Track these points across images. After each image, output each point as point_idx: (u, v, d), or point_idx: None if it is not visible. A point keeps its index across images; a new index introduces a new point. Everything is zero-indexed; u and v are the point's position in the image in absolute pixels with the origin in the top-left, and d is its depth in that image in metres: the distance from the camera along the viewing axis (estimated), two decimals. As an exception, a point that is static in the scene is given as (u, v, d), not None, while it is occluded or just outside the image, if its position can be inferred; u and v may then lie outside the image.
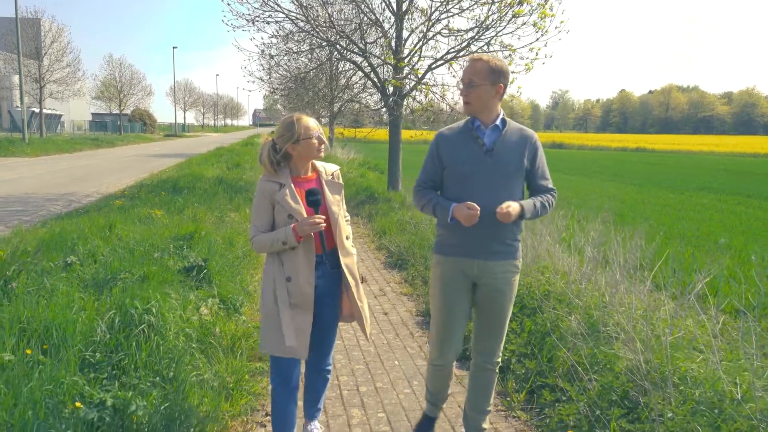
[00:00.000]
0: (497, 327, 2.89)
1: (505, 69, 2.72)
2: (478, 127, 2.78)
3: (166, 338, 3.41)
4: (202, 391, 3.17)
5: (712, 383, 2.98)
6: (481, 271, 2.80)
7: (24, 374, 2.66)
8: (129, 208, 8.99)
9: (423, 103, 12.99)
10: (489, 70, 2.67)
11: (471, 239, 2.75)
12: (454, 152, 2.79)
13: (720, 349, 3.43)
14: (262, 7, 12.15)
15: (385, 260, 7.62)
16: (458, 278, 2.83)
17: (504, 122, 2.79)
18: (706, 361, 3.21)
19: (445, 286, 2.86)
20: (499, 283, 2.81)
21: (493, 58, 2.72)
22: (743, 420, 2.69)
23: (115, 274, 4.40)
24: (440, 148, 2.84)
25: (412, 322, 5.22)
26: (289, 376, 2.80)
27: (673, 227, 12.11)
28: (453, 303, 2.86)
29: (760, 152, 57.45)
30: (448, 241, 2.84)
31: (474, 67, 2.70)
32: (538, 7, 11.19)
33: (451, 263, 2.83)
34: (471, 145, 2.77)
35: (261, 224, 2.74)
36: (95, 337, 3.24)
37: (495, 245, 2.78)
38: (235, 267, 5.73)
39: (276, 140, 2.75)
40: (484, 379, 2.97)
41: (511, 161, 2.75)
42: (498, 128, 2.77)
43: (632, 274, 4.53)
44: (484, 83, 2.68)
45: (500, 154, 2.74)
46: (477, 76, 2.68)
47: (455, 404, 3.62)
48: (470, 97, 2.72)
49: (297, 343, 2.67)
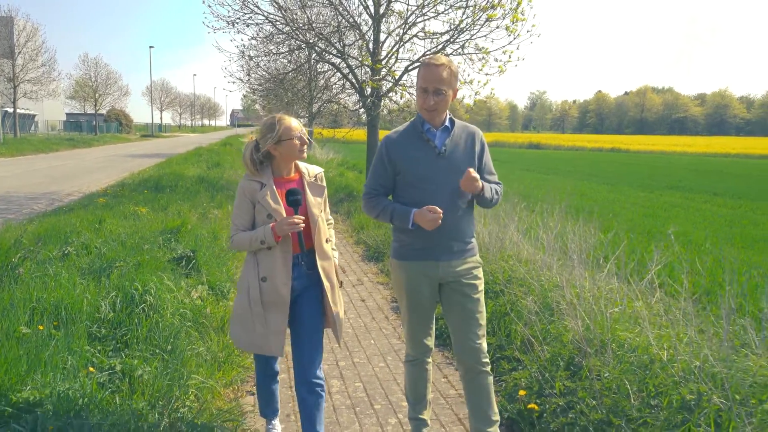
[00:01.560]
0: (475, 324, 2.83)
1: (457, 71, 2.74)
2: (428, 129, 2.76)
3: (164, 317, 3.78)
4: (198, 362, 3.54)
5: (644, 349, 3.44)
6: (445, 271, 2.80)
7: (41, 345, 3.01)
8: (113, 205, 9.27)
9: (400, 103, 13.42)
10: (452, 75, 2.66)
11: (434, 242, 2.75)
12: (406, 156, 2.75)
13: (661, 324, 3.91)
14: (242, 10, 12.47)
15: (363, 253, 8.02)
16: (422, 281, 2.82)
17: (452, 122, 2.80)
18: (642, 331, 3.66)
19: (410, 291, 2.84)
20: (467, 280, 2.82)
21: (446, 60, 2.67)
22: (667, 377, 3.14)
23: (110, 263, 4.75)
24: (390, 153, 2.78)
25: (387, 308, 5.64)
26: (268, 365, 3.03)
27: (640, 223, 12.68)
28: (420, 303, 2.86)
29: (731, 152, 58.80)
30: (410, 246, 2.81)
31: (439, 74, 2.62)
32: (510, 11, 11.67)
33: (413, 268, 2.82)
34: (422, 148, 2.75)
35: (241, 223, 2.75)
36: (100, 314, 3.61)
37: (456, 245, 2.79)
38: (221, 258, 6.09)
39: (258, 140, 2.75)
40: (479, 383, 2.86)
41: (464, 161, 2.76)
42: (448, 129, 2.78)
43: (587, 261, 5.01)
44: (449, 90, 2.67)
45: (452, 155, 2.75)
46: (444, 84, 2.64)
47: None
48: (439, 105, 2.68)
49: (271, 342, 2.73)
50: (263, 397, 3.10)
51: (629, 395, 3.09)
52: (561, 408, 3.21)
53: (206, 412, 3.09)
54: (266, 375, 3.06)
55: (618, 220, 12.43)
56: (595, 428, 3.00)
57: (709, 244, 9.83)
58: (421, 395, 3.06)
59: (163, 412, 2.86)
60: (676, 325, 3.76)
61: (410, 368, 3.03)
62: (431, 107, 2.68)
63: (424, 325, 2.92)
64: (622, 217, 13.24)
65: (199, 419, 2.97)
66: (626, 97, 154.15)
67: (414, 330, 2.93)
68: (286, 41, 14.30)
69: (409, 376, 3.06)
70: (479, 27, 11.92)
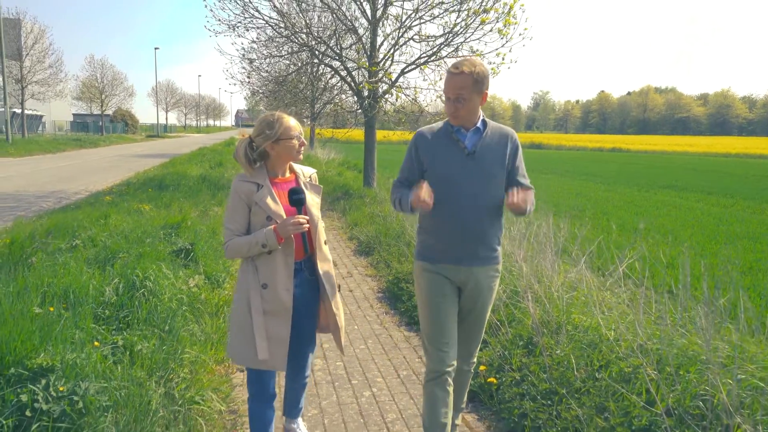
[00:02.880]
0: (476, 331, 2.91)
1: (485, 73, 2.66)
2: (459, 130, 2.75)
3: (162, 301, 4.17)
4: (192, 340, 3.93)
5: (595, 329, 3.81)
6: (467, 277, 2.77)
7: (51, 322, 3.40)
8: (118, 203, 9.69)
9: (395, 104, 13.80)
10: (474, 82, 2.61)
11: (458, 245, 2.73)
12: (434, 155, 2.75)
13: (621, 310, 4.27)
14: (242, 14, 12.89)
15: (355, 248, 8.41)
16: (445, 285, 2.78)
17: (485, 124, 2.77)
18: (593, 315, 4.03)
19: (433, 296, 2.79)
20: (483, 289, 2.80)
21: (473, 65, 2.63)
22: (611, 353, 3.51)
23: (114, 254, 5.14)
24: (419, 149, 2.79)
25: (373, 297, 6.01)
26: (265, 386, 2.72)
27: (629, 221, 12.99)
28: (443, 310, 2.78)
29: (731, 152, 58.90)
30: (434, 247, 2.80)
31: (459, 82, 2.62)
32: (502, 15, 12.03)
33: (436, 270, 2.78)
34: (451, 148, 2.73)
35: (236, 227, 2.59)
36: (104, 298, 4.00)
37: (482, 251, 2.76)
38: (218, 251, 6.48)
39: (254, 138, 2.64)
40: (461, 379, 2.97)
41: (494, 163, 2.73)
42: (479, 130, 2.75)
43: (560, 255, 5.38)
44: (472, 96, 2.64)
45: (482, 157, 2.72)
46: (464, 90, 2.62)
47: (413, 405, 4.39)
48: (460, 111, 2.67)
49: (273, 355, 2.57)
50: (257, 425, 2.77)
51: (575, 369, 3.46)
52: (515, 381, 3.59)
53: (198, 383, 3.47)
54: (262, 399, 2.74)
55: (609, 217, 12.82)
56: (543, 397, 3.37)
57: (691, 241, 10.18)
58: (439, 421, 2.77)
59: (160, 381, 3.24)
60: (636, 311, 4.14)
61: (430, 387, 2.80)
62: (453, 113, 2.69)
63: (446, 333, 2.78)
64: (613, 215, 13.57)
65: (191, 388, 3.35)
66: (629, 97, 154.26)
67: (435, 339, 2.79)
68: (285, 44, 14.72)
69: (428, 398, 2.81)
70: (473, 30, 12.33)
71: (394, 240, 7.60)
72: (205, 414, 3.21)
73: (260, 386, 2.71)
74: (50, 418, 2.63)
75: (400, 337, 4.88)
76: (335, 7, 13.00)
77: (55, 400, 2.70)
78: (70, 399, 2.71)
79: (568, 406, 3.21)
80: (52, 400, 2.69)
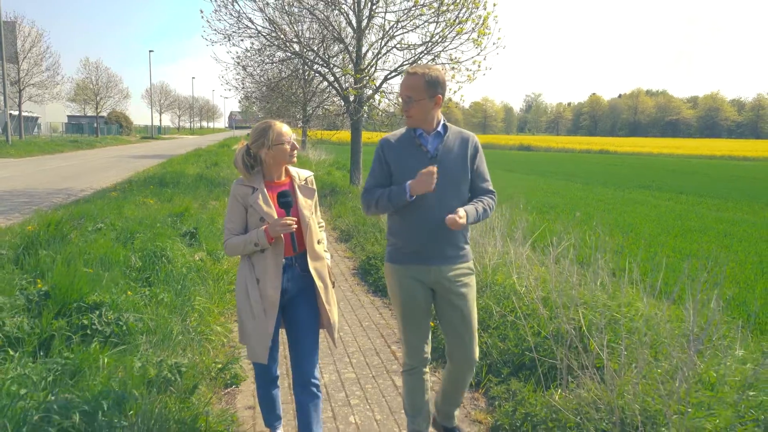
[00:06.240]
0: (465, 331, 2.90)
1: (440, 79, 2.73)
2: (421, 134, 2.83)
3: (176, 267, 5.28)
4: (199, 294, 5.03)
5: (511, 286, 4.94)
6: (437, 276, 2.83)
7: (96, 278, 4.50)
8: (125, 198, 10.75)
9: (379, 108, 14.91)
10: (425, 84, 2.70)
11: (426, 246, 2.80)
12: (399, 160, 2.83)
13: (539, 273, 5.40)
14: (237, 24, 13.96)
15: (338, 236, 9.54)
16: (416, 286, 2.85)
17: (445, 128, 2.85)
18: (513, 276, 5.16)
19: (404, 295, 2.87)
20: (457, 287, 2.85)
21: (427, 69, 2.73)
22: (519, 303, 4.63)
23: (133, 234, 6.25)
24: (386, 153, 2.86)
25: (349, 274, 7.13)
26: (268, 370, 2.98)
27: (597, 217, 14.03)
28: (414, 308, 2.87)
29: (717, 154, 59.78)
30: (403, 249, 2.87)
31: (410, 83, 2.73)
32: (477, 26, 13.14)
33: (406, 272, 2.86)
34: (415, 152, 2.81)
35: (234, 227, 2.80)
36: (130, 263, 5.10)
37: (449, 250, 2.83)
38: (217, 235, 7.58)
39: (250, 145, 2.82)
40: (464, 378, 3.02)
41: (456, 166, 2.81)
42: (440, 134, 2.84)
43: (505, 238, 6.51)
44: (423, 97, 2.72)
45: (444, 160, 2.79)
46: (414, 91, 2.72)
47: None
48: (411, 111, 2.76)
49: (254, 348, 2.76)
50: (265, 405, 3.09)
51: (492, 314, 4.59)
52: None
53: (206, 322, 4.58)
54: (266, 381, 3.03)
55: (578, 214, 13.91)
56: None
57: (645, 233, 11.30)
58: (420, 407, 3.01)
59: (178, 319, 4.35)
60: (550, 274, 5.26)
61: (407, 378, 3.00)
62: (406, 114, 2.80)
63: (419, 331, 2.92)
64: (583, 211, 14.63)
65: (201, 324, 4.46)
66: (619, 99, 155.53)
67: (410, 336, 2.93)
68: (277, 52, 15.80)
69: (406, 387, 3.02)
70: (450, 40, 13.46)
71: (371, 228, 8.72)
72: (211, 342, 4.32)
73: (263, 370, 2.99)
74: (104, 336, 3.73)
75: (366, 301, 5.99)
76: (323, 17, 14.07)
77: (106, 324, 3.81)
78: (117, 323, 3.82)
79: (481, 339, 4.34)
80: (105, 324, 3.81)
